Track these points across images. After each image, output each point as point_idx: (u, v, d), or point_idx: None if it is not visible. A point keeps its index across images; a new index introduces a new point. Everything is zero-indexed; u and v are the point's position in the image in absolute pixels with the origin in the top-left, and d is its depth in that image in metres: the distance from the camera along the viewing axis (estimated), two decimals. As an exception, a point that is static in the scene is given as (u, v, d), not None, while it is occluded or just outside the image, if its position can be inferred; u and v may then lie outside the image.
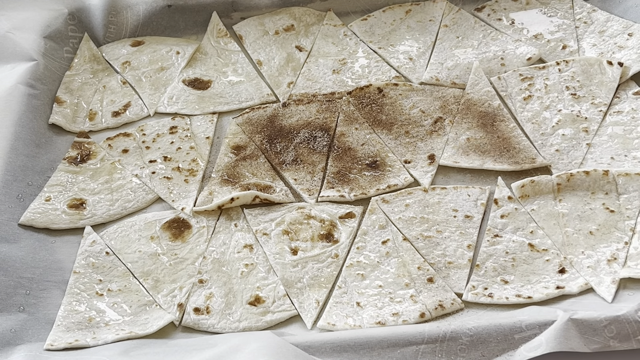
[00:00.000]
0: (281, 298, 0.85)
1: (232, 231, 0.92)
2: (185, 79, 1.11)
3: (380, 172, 0.96)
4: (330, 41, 1.15)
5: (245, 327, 0.83)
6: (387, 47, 1.13)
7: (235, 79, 1.11)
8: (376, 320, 0.81)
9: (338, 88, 1.08)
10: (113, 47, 1.16)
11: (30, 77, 1.06)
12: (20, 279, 0.86)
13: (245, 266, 0.88)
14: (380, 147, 0.99)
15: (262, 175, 0.97)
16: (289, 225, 0.91)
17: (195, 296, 0.85)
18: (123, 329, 0.82)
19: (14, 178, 0.95)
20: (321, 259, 0.88)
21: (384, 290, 0.84)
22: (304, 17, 1.19)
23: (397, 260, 0.86)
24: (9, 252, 0.88)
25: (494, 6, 1.19)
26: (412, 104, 1.04)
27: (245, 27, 1.18)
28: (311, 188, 0.95)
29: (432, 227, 0.90)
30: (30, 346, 0.80)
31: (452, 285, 0.84)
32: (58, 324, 0.83)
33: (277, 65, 1.12)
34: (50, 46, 1.12)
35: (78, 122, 1.06)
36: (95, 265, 0.89)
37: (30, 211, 0.93)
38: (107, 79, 1.12)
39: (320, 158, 0.98)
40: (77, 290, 0.86)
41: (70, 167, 0.99)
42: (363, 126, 1.02)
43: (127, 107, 1.08)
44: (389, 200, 0.93)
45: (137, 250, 0.90)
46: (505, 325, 0.76)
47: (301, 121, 1.03)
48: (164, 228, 0.92)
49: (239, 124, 1.04)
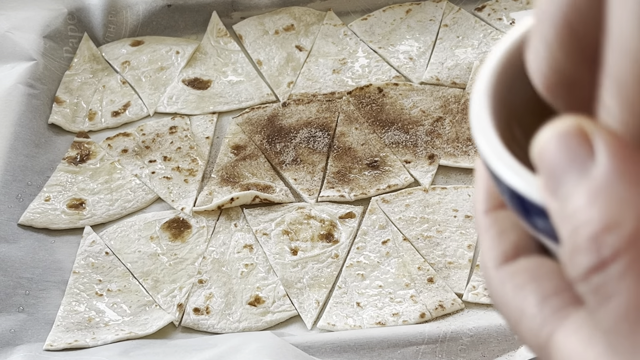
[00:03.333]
0: (281, 298, 0.85)
1: (232, 231, 0.91)
2: (185, 79, 1.11)
3: (380, 172, 0.96)
4: (330, 41, 1.15)
5: (245, 327, 0.83)
6: (387, 46, 1.13)
7: (235, 79, 1.11)
8: (376, 320, 0.81)
9: (338, 88, 1.08)
10: (113, 46, 1.16)
11: (30, 77, 1.05)
12: (20, 279, 0.86)
13: (245, 266, 0.88)
14: (380, 147, 0.99)
15: (262, 175, 0.97)
16: (289, 225, 0.91)
17: (195, 296, 0.85)
18: (123, 329, 0.82)
19: (14, 178, 0.95)
20: (321, 259, 0.88)
21: (384, 290, 0.84)
22: (304, 16, 1.18)
23: (397, 261, 0.86)
24: (8, 252, 0.87)
25: (495, 6, 1.19)
26: (413, 104, 1.04)
27: (245, 27, 1.18)
28: (311, 188, 0.95)
29: (433, 227, 0.90)
30: (29, 346, 0.80)
31: (452, 286, 0.84)
32: (57, 324, 0.83)
33: (277, 65, 1.12)
34: (49, 46, 1.12)
35: (78, 122, 1.06)
36: (94, 265, 0.88)
37: (29, 211, 0.93)
38: (107, 79, 1.12)
39: (320, 158, 0.98)
40: (76, 291, 0.86)
41: (70, 167, 0.99)
42: (363, 126, 1.01)
43: (127, 107, 1.08)
44: (389, 200, 0.93)
45: (136, 250, 0.90)
46: (505, 325, 0.76)
47: (301, 121, 1.03)
48: (164, 228, 0.92)
49: (239, 123, 1.04)
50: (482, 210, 0.30)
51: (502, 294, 0.28)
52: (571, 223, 0.23)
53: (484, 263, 0.29)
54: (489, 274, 0.29)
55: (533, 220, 0.27)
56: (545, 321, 0.26)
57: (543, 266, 0.27)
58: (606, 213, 0.22)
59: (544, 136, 0.25)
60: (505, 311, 0.28)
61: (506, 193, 0.27)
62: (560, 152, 0.24)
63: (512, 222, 0.29)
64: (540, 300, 0.26)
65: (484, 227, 0.30)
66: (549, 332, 0.26)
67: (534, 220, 0.26)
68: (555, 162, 0.24)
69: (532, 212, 0.26)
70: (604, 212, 0.22)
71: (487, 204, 0.30)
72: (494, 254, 0.29)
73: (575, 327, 0.25)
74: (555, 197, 0.24)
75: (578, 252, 0.23)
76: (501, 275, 0.28)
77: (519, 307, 0.27)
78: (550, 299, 0.26)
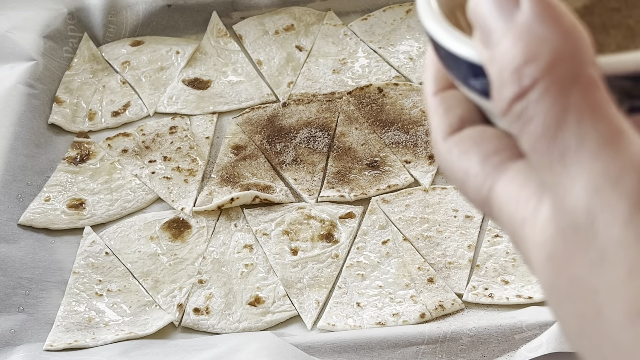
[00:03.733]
0: (281, 298, 0.85)
1: (232, 231, 0.91)
2: (185, 79, 1.11)
3: (381, 172, 0.96)
4: (330, 41, 1.15)
5: (245, 327, 0.83)
6: (387, 46, 1.13)
7: (235, 79, 1.11)
8: (376, 320, 0.81)
9: (338, 88, 1.08)
10: (113, 46, 1.16)
11: (30, 77, 1.05)
12: (20, 279, 0.86)
13: (245, 266, 0.87)
14: (380, 147, 0.99)
15: (262, 175, 0.97)
16: (289, 226, 0.91)
17: (195, 296, 0.85)
18: (123, 329, 0.82)
19: (14, 178, 0.95)
20: (321, 259, 0.88)
21: (384, 290, 0.84)
22: (304, 16, 1.18)
23: (397, 261, 0.86)
24: (8, 252, 0.87)
25: (495, 6, 1.19)
26: (413, 104, 1.04)
27: (245, 27, 1.18)
28: (311, 188, 0.95)
29: (433, 227, 0.90)
30: (29, 346, 0.80)
31: (452, 286, 0.84)
32: (57, 325, 0.83)
33: (277, 65, 1.12)
34: (49, 46, 1.12)
35: (77, 122, 1.06)
36: (94, 265, 0.88)
37: (29, 211, 0.93)
38: (107, 79, 1.12)
39: (320, 158, 0.98)
40: (76, 291, 0.86)
41: (70, 167, 0.99)
42: (363, 126, 1.01)
43: (127, 107, 1.08)
44: (389, 200, 0.93)
45: (136, 250, 0.90)
46: (505, 325, 0.76)
47: (301, 121, 1.03)
48: (164, 228, 0.92)
49: (239, 124, 1.04)
50: (431, 92, 0.33)
51: (449, 161, 0.30)
52: (498, 63, 0.26)
53: (433, 139, 0.32)
54: (437, 147, 0.31)
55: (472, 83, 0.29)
56: (486, 177, 0.29)
57: (485, 132, 0.30)
58: (526, 49, 0.25)
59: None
60: (452, 176, 0.30)
61: (449, 61, 0.30)
62: (490, 5, 0.26)
63: (458, 99, 0.32)
64: (481, 160, 0.29)
65: (433, 107, 0.32)
66: (489, 186, 0.28)
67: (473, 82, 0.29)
68: (487, 14, 0.26)
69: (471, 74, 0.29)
70: (524, 49, 0.25)
71: (435, 86, 0.32)
72: (442, 127, 0.31)
73: (512, 175, 0.28)
74: (487, 46, 0.26)
75: (503, 86, 0.26)
76: (448, 145, 0.31)
77: (464, 169, 0.29)
78: (491, 157, 0.29)
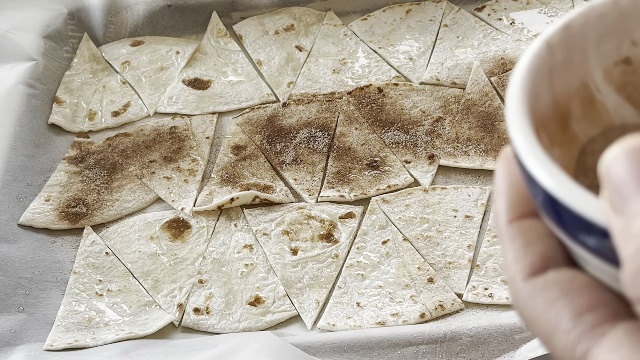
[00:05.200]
0: (281, 298, 0.85)
1: (232, 231, 0.91)
2: (185, 79, 1.11)
3: (380, 172, 0.96)
4: (330, 41, 1.15)
5: (245, 327, 0.83)
6: (387, 47, 1.13)
7: (235, 79, 1.11)
8: (376, 320, 0.81)
9: (338, 88, 1.08)
10: (113, 47, 1.16)
11: (30, 77, 1.05)
12: (20, 279, 0.86)
13: (245, 266, 0.88)
14: (380, 147, 0.99)
15: (262, 175, 0.97)
16: (289, 226, 0.91)
17: (195, 296, 0.85)
18: (123, 329, 0.82)
19: (14, 178, 0.95)
20: (321, 259, 0.88)
21: (384, 290, 0.84)
22: (304, 16, 1.18)
23: (397, 261, 0.86)
24: (8, 252, 0.87)
25: (494, 6, 1.19)
26: (413, 104, 1.04)
27: (245, 27, 1.18)
28: (311, 188, 0.95)
29: (432, 227, 0.90)
30: (29, 346, 0.80)
31: (452, 286, 0.84)
32: (58, 324, 0.83)
33: (277, 65, 1.12)
34: (49, 46, 1.12)
35: (78, 122, 1.06)
36: (95, 265, 0.88)
37: (29, 211, 0.93)
38: (107, 79, 1.12)
39: (320, 158, 0.98)
40: (76, 291, 0.86)
41: (70, 167, 0.99)
42: (363, 126, 1.01)
43: (127, 107, 1.08)
44: (389, 200, 0.93)
45: (136, 250, 0.90)
46: (505, 325, 0.76)
47: (301, 121, 1.03)
48: (164, 228, 0.92)
49: (239, 124, 1.04)
50: (506, 220, 0.29)
51: (531, 308, 0.27)
52: (636, 243, 0.22)
53: (510, 275, 0.29)
54: (516, 286, 0.28)
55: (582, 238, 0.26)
56: (580, 338, 0.26)
57: (574, 280, 0.27)
58: None
59: (612, 152, 0.24)
60: (536, 325, 0.27)
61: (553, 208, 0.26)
62: (629, 169, 0.23)
63: (538, 232, 0.29)
64: (574, 316, 0.26)
65: (508, 238, 0.29)
66: (584, 349, 0.25)
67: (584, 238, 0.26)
68: (624, 179, 0.23)
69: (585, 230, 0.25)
70: None
71: (511, 214, 0.29)
72: (521, 266, 0.28)
73: (615, 345, 0.25)
74: (620, 215, 0.23)
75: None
76: (530, 288, 0.28)
77: (552, 322, 0.26)
78: (585, 315, 0.26)
